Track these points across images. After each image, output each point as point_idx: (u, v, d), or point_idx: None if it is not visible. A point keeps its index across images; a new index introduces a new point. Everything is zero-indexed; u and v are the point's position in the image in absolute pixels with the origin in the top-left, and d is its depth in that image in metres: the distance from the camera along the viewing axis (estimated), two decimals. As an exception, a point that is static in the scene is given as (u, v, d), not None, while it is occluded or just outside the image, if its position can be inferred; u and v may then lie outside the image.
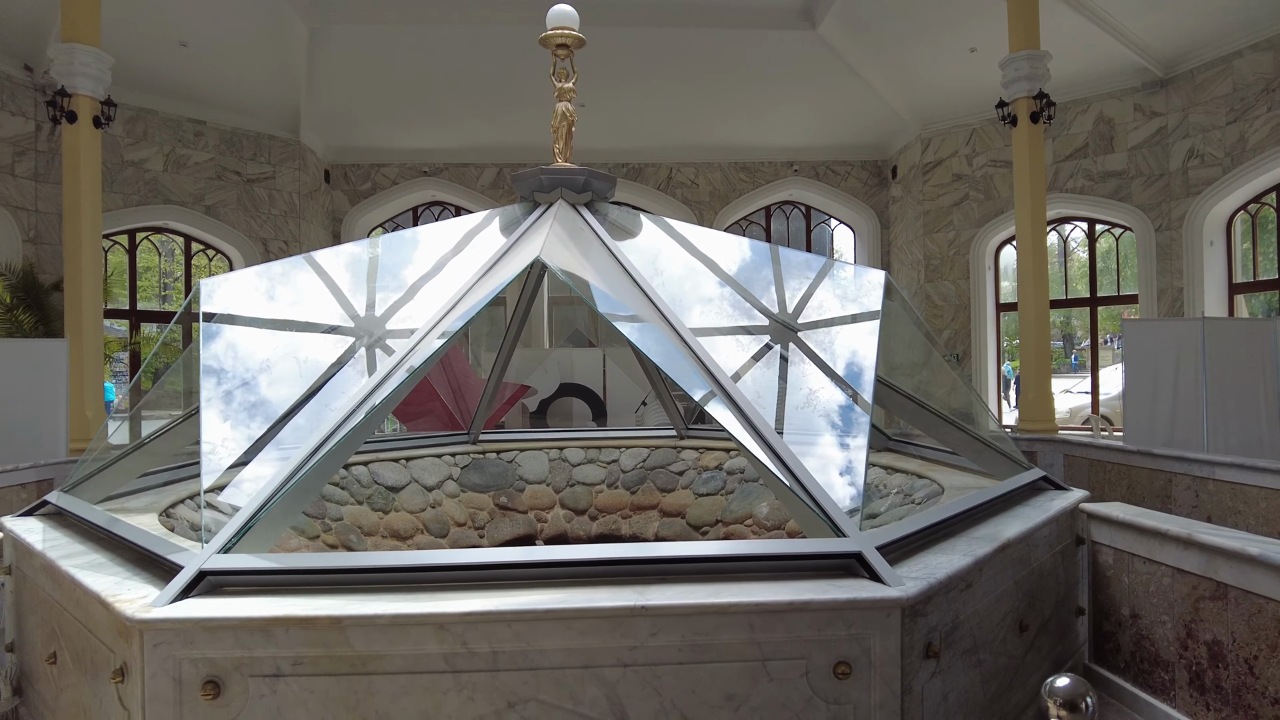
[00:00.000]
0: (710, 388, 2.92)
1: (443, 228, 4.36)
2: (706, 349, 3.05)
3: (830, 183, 13.14)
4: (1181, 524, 2.95)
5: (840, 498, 2.50)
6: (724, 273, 3.91)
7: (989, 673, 2.63)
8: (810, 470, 2.56)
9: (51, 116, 6.98)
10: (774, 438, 2.70)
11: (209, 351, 2.87)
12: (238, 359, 2.97)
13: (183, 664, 2.07)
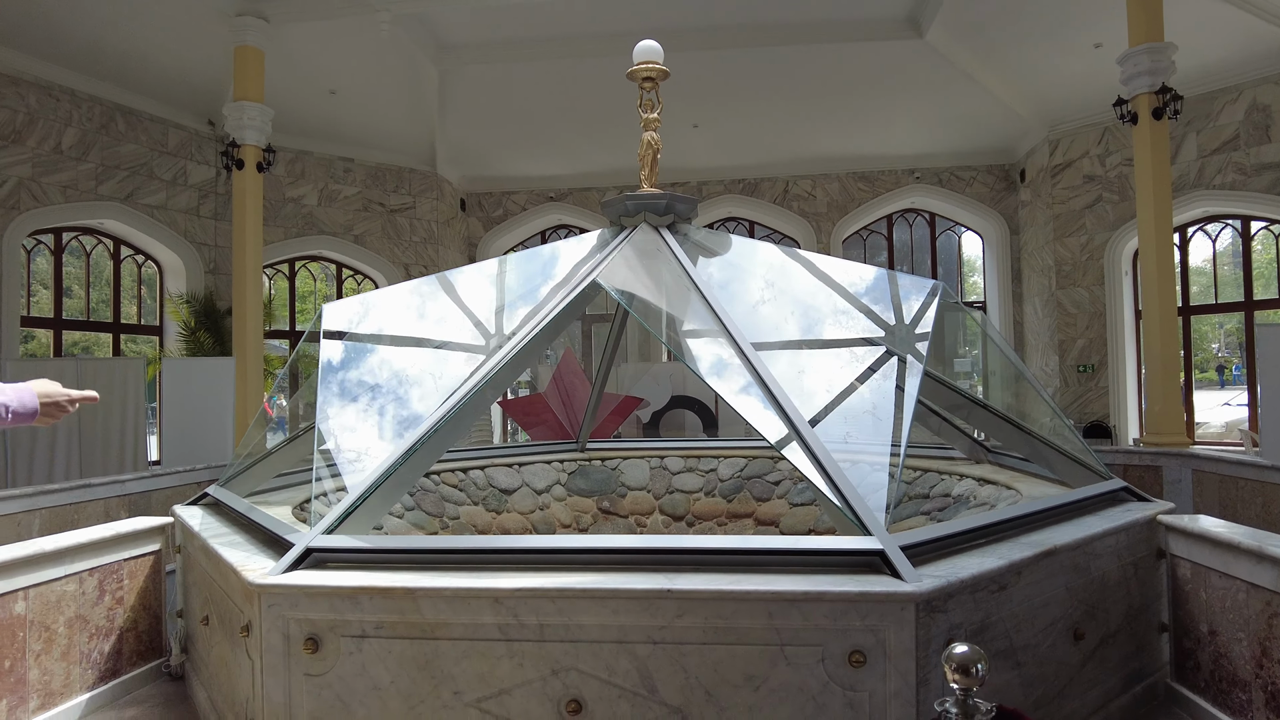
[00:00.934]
0: (762, 397, 3.11)
1: (540, 251, 4.77)
2: (763, 360, 3.24)
3: (954, 189, 12.76)
4: (1254, 536, 2.84)
5: (869, 500, 2.63)
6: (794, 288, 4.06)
7: (1031, 677, 2.66)
8: (845, 475, 2.70)
9: (224, 165, 8.07)
10: (816, 444, 2.86)
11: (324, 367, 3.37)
12: (347, 374, 3.46)
13: (290, 623, 2.50)
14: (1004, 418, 3.83)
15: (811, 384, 3.25)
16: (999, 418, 3.85)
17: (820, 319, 3.71)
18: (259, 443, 4.24)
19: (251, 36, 7.93)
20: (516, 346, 3.27)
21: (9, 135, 8.45)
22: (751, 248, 4.63)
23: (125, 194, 9.59)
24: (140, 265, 10.45)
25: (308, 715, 2.48)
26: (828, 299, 3.84)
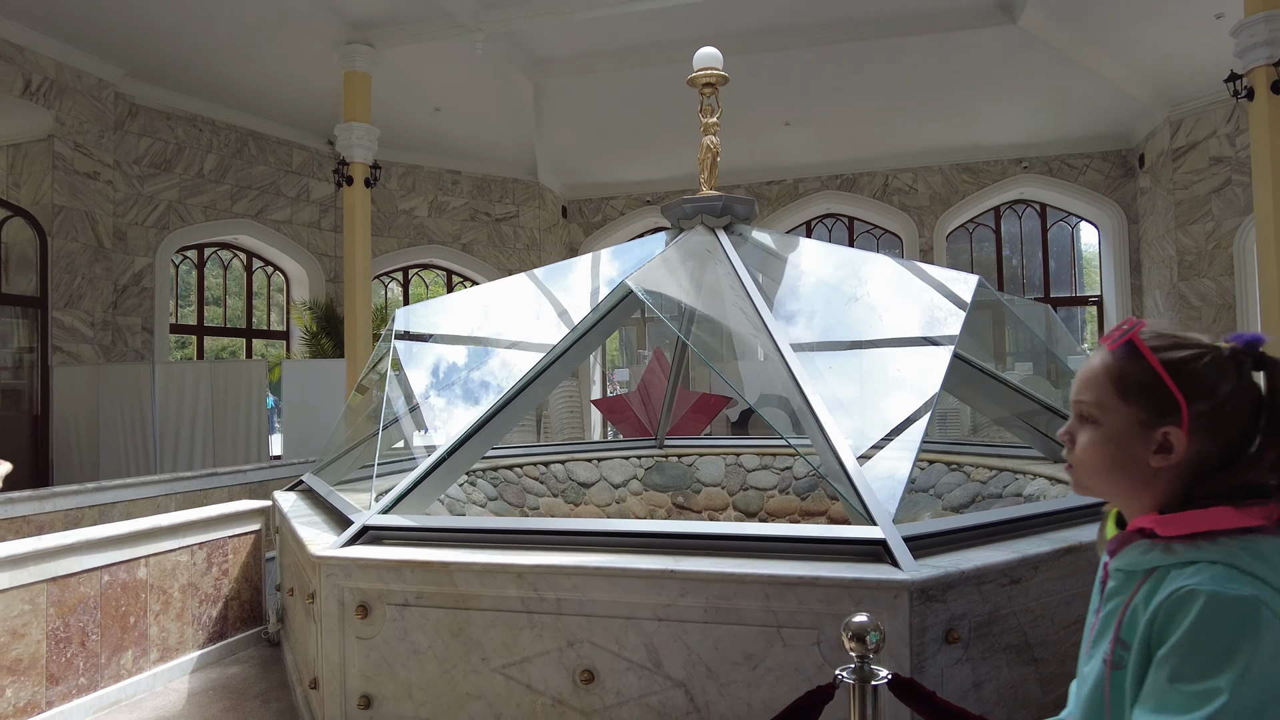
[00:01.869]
0: (793, 393, 3.20)
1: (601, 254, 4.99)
2: (798, 360, 3.32)
3: (1066, 177, 12.11)
4: None
5: (880, 492, 2.68)
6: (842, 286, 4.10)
7: (1050, 674, 2.62)
8: (858, 468, 2.77)
9: (336, 182, 8.77)
10: (835, 437, 2.93)
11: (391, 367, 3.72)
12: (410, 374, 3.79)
13: (345, 591, 2.81)
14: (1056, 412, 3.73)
15: (839, 379, 3.31)
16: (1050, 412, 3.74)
17: (862, 316, 3.74)
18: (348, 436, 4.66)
19: (359, 62, 8.59)
20: (559, 350, 3.50)
21: (161, 164, 9.51)
22: (807, 246, 4.67)
23: (256, 211, 10.57)
24: (270, 275, 11.48)
25: (358, 673, 2.79)
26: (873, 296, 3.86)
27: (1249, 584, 0.90)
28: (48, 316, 8.07)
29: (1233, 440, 0.98)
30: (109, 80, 8.84)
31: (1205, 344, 1.01)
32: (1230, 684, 0.86)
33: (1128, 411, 1.02)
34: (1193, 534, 0.97)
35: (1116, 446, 1.03)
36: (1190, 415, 0.97)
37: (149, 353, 9.14)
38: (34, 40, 8.02)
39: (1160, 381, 0.99)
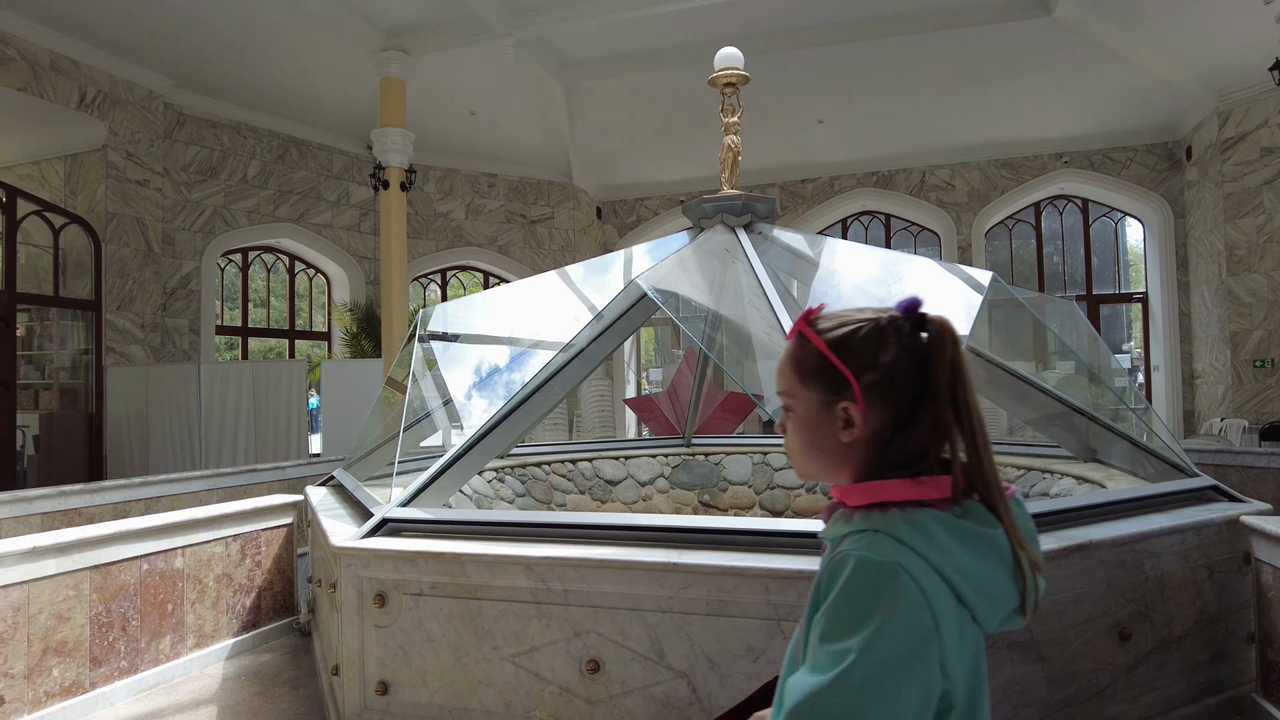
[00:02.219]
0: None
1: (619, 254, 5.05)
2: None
3: (1109, 172, 11.82)
4: None
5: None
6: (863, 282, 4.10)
7: (1059, 673, 2.61)
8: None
9: (373, 186, 8.99)
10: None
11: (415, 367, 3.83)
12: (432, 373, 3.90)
13: (363, 581, 2.92)
14: (1081, 412, 3.68)
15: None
16: (1075, 412, 3.70)
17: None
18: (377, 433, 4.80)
19: (394, 68, 8.79)
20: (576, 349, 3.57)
21: (207, 171, 9.85)
22: (828, 244, 4.67)
23: (298, 215, 10.87)
24: (312, 278, 11.79)
25: (376, 660, 2.89)
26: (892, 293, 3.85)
27: (898, 552, 0.93)
28: (101, 319, 8.42)
29: (903, 408, 1.00)
30: (158, 91, 9.19)
31: (865, 318, 1.02)
32: (860, 645, 0.88)
33: (810, 395, 1.04)
34: (869, 504, 1.00)
35: (810, 429, 1.05)
36: (861, 387, 1.00)
37: (196, 353, 9.47)
38: (89, 55, 8.38)
39: (828, 360, 1.01)
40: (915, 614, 0.90)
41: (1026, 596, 0.98)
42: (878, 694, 0.87)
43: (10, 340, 7.89)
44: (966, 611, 0.95)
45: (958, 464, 1.00)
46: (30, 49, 7.91)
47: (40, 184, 8.88)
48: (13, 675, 3.12)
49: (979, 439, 0.99)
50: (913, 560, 0.93)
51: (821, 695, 0.89)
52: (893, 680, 0.88)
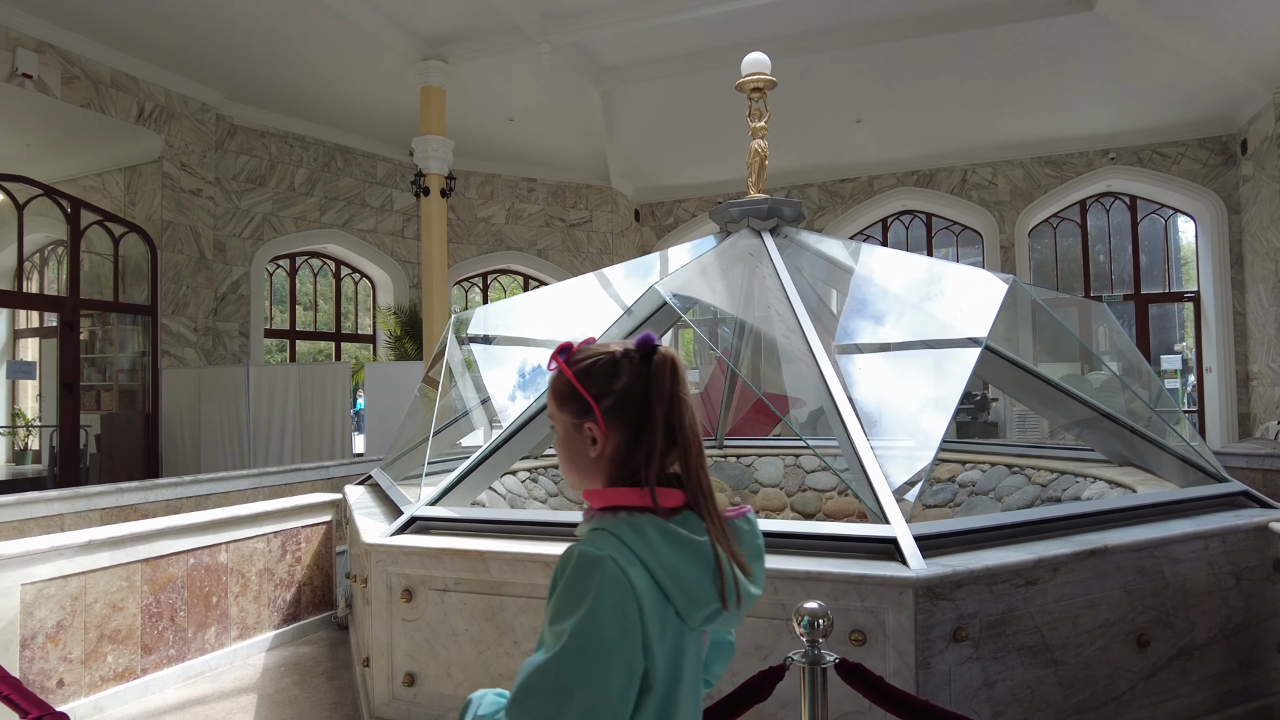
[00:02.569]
0: (824, 395, 3.26)
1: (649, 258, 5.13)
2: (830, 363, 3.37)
3: (1158, 168, 11.50)
4: None
5: (895, 492, 2.72)
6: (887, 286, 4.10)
7: (1072, 678, 2.61)
8: (877, 469, 2.81)
9: (414, 192, 9.22)
10: (858, 438, 2.98)
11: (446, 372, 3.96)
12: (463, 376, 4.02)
13: (392, 576, 3.05)
14: (1107, 416, 3.64)
15: (869, 382, 3.34)
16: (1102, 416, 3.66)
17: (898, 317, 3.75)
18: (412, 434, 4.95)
19: (434, 77, 9.00)
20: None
21: (256, 180, 10.20)
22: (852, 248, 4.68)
23: (343, 221, 11.18)
24: (357, 282, 12.11)
25: (404, 653, 3.02)
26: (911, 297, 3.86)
27: (613, 547, 1.07)
28: (157, 323, 8.79)
29: (635, 428, 1.15)
30: (211, 104, 9.55)
31: (606, 351, 1.19)
32: (572, 626, 1.02)
33: (565, 417, 1.19)
34: (604, 507, 1.14)
35: (567, 446, 1.20)
36: (600, 411, 1.15)
37: (245, 356, 9.82)
38: (147, 71, 8.75)
39: (575, 388, 1.17)
40: (621, 601, 1.03)
41: (726, 597, 1.10)
42: (588, 670, 1.01)
43: (74, 344, 8.29)
44: (670, 605, 1.09)
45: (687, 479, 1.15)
46: (93, 67, 8.30)
47: (102, 195, 9.30)
48: (71, 660, 3.33)
49: (691, 459, 1.14)
50: (625, 555, 1.07)
51: (542, 671, 1.02)
52: (601, 658, 1.01)
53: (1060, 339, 5.00)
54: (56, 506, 5.03)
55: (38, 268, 10.19)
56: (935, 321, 3.53)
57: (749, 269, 4.10)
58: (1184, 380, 12.44)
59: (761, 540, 1.24)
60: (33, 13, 7.64)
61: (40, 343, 10.63)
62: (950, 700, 2.40)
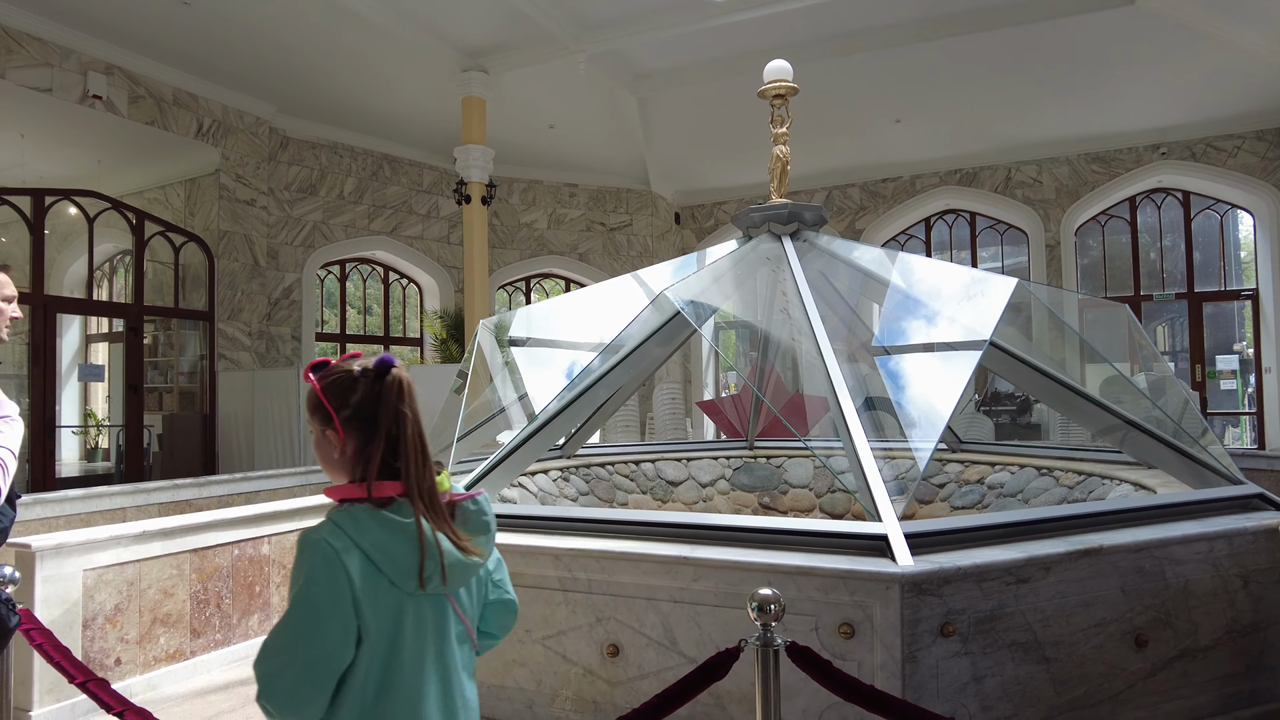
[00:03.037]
0: (830, 397, 3.35)
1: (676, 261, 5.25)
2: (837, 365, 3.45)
3: (1212, 162, 11.17)
4: None
5: (890, 491, 2.80)
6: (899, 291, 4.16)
7: (1065, 675, 2.65)
8: (874, 469, 2.90)
9: (456, 200, 9.50)
10: (860, 441, 3.06)
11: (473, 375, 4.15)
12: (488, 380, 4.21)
13: (415, 567, 3.23)
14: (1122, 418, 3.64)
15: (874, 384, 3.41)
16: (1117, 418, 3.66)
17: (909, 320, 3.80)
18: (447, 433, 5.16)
19: (475, 87, 9.26)
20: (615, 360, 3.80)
21: (307, 189, 10.63)
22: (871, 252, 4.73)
23: (391, 228, 11.56)
24: (405, 287, 12.49)
25: (426, 639, 3.20)
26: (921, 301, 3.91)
27: (328, 530, 1.31)
28: (214, 328, 9.24)
29: (367, 435, 1.38)
30: (264, 117, 9.99)
31: (347, 369, 1.42)
32: (293, 596, 1.28)
33: (315, 424, 1.41)
34: (338, 500, 1.37)
35: (318, 448, 1.42)
36: (340, 420, 1.37)
37: (297, 358, 10.23)
38: (205, 88, 9.22)
39: (320, 400, 1.38)
40: (331, 573, 1.28)
41: (426, 566, 1.33)
42: (308, 629, 1.28)
43: (138, 348, 8.78)
44: (383, 576, 1.32)
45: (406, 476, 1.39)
46: (156, 87, 8.78)
47: (165, 206, 9.81)
48: (128, 640, 3.60)
49: (411, 460, 1.38)
50: (337, 536, 1.31)
51: (274, 632, 1.29)
52: (317, 619, 1.28)
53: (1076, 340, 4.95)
54: (119, 501, 5.39)
55: (106, 276, 10.78)
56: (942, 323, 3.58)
57: (769, 273, 4.20)
58: (1243, 381, 12.03)
59: (489, 518, 1.48)
60: (102, 37, 8.13)
61: (109, 347, 11.25)
62: (938, 693, 2.47)
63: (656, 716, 1.68)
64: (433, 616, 1.40)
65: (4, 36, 7.49)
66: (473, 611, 1.49)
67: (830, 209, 13.98)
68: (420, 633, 1.37)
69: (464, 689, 1.45)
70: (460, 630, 1.45)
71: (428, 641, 1.38)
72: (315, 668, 1.28)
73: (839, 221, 13.88)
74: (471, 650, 1.50)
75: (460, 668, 1.44)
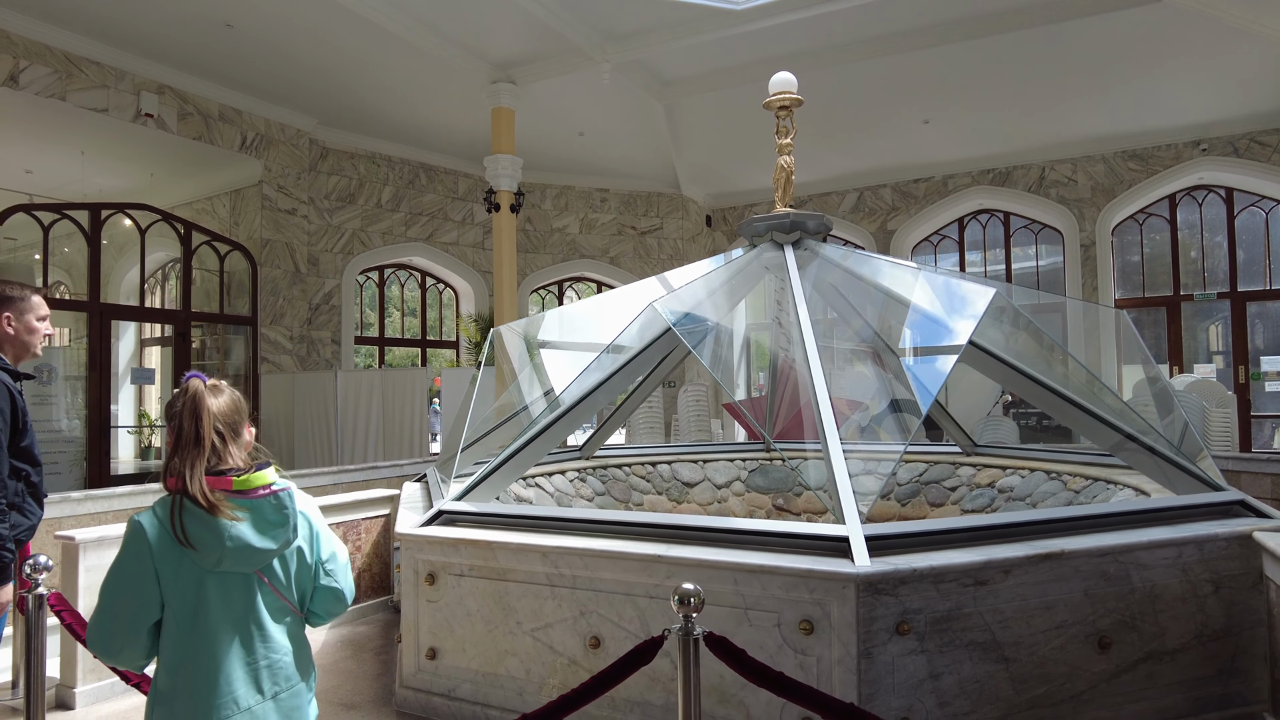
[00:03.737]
0: (813, 403, 3.48)
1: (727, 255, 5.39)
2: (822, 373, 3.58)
3: (1256, 158, 10.89)
4: None
5: (857, 494, 2.92)
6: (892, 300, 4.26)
7: (1024, 674, 2.75)
8: (844, 473, 3.03)
9: (486, 209, 9.79)
10: (834, 446, 3.19)
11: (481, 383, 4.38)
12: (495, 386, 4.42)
13: (418, 562, 3.46)
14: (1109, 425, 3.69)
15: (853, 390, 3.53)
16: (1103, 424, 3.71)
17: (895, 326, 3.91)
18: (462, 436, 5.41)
19: (503, 98, 9.53)
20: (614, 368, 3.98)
21: (346, 198, 11.04)
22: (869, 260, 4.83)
23: (427, 235, 11.92)
24: (441, 291, 12.85)
25: (427, 630, 3.43)
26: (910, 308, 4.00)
27: (146, 515, 1.67)
28: (257, 332, 9.68)
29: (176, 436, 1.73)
30: (305, 130, 10.42)
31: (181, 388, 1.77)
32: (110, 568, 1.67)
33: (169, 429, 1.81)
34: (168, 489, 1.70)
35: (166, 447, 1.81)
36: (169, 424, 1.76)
37: (337, 361, 10.65)
38: (248, 104, 9.66)
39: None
40: (136, 546, 1.65)
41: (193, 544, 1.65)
42: (113, 590, 1.65)
43: (186, 352, 9.26)
44: (185, 553, 1.65)
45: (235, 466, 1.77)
46: (203, 103, 9.24)
47: (212, 216, 10.30)
48: (161, 628, 3.91)
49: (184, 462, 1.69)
50: (148, 517, 1.68)
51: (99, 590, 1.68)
52: (119, 582, 1.66)
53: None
54: (163, 497, 5.75)
55: (159, 283, 11.34)
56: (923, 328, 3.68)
57: (758, 282, 4.33)
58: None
59: (288, 511, 1.75)
60: (154, 59, 8.60)
61: (160, 351, 11.84)
62: (894, 688, 2.60)
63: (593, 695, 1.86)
64: (241, 590, 1.72)
65: (65, 62, 7.99)
66: (292, 590, 1.79)
67: (862, 210, 13.96)
68: (226, 601, 1.69)
69: (273, 651, 1.75)
70: (278, 604, 1.77)
71: (233, 609, 1.70)
72: (121, 620, 1.63)
73: (871, 222, 13.85)
74: (297, 620, 1.83)
75: (273, 633, 1.75)
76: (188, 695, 1.66)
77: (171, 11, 7.72)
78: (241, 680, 1.69)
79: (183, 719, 1.66)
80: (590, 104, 10.49)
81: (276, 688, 1.73)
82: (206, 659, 1.67)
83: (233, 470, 1.71)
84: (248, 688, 1.69)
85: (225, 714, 1.66)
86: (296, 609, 1.81)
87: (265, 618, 1.74)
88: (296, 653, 1.80)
